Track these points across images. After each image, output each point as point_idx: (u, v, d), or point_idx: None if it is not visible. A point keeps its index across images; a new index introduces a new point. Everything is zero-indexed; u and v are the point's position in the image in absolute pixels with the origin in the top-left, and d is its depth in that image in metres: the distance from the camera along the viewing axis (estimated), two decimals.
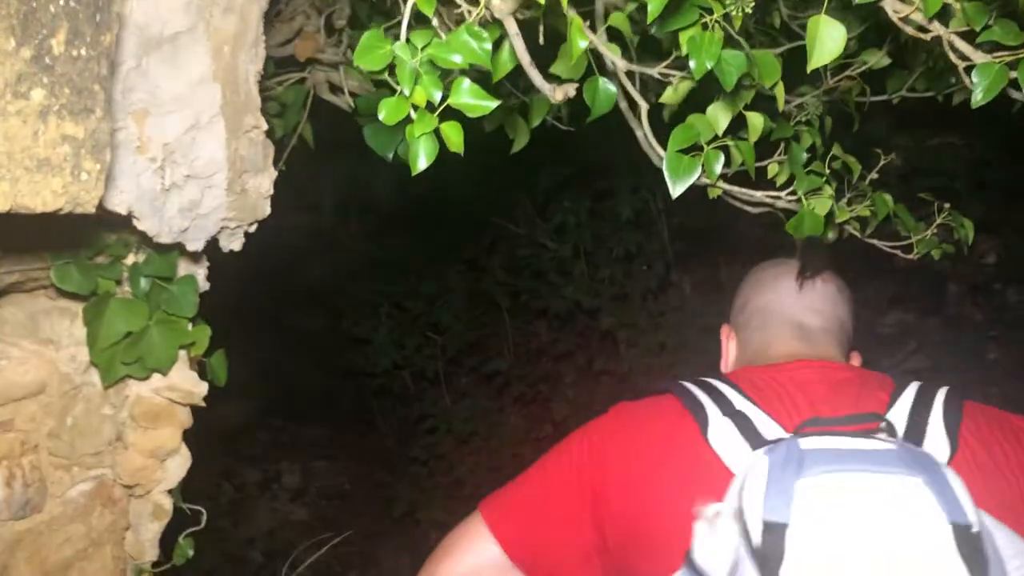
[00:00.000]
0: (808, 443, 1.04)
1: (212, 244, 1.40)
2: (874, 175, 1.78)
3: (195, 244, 1.31)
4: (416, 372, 5.12)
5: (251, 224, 1.41)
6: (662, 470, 1.21)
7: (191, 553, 1.59)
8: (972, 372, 4.29)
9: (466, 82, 0.93)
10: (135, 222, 1.20)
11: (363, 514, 5.22)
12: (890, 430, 1.11)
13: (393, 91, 1.27)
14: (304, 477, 5.81)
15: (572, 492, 1.26)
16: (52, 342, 1.36)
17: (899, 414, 1.19)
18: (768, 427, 1.18)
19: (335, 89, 1.88)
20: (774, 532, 0.98)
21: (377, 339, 4.93)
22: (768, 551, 0.97)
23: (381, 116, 0.93)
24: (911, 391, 1.22)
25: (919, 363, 4.72)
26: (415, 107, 0.94)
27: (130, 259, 1.38)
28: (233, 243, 1.41)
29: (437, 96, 0.94)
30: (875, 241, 1.72)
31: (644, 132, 1.41)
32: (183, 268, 1.43)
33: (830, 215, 1.50)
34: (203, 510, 1.59)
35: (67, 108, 0.90)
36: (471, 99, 0.93)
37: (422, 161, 0.94)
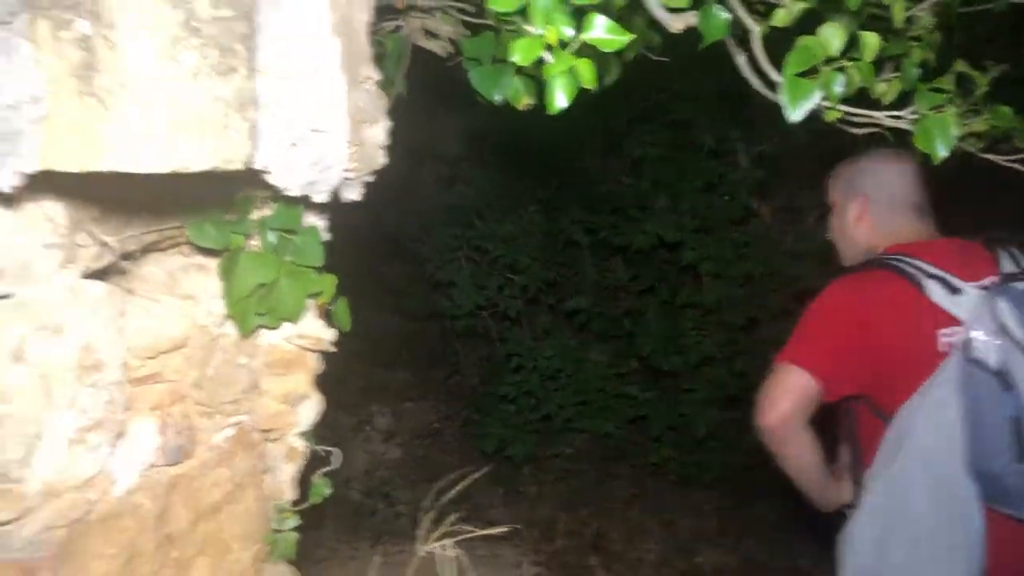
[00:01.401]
0: (1018, 286, 1.84)
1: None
2: (985, 88, 1.72)
3: (320, 196, 1.35)
4: (498, 313, 5.18)
5: (370, 174, 1.44)
6: (902, 311, 1.91)
7: (327, 491, 1.66)
8: None
9: (599, 17, 0.93)
10: (267, 177, 1.24)
11: (454, 452, 5.36)
12: None
13: (496, 31, 1.27)
14: (395, 419, 5.98)
15: (845, 324, 1.93)
16: (191, 297, 1.42)
17: (1011, 265, 1.95)
18: (957, 282, 1.91)
19: (429, 35, 1.89)
20: None
21: (460, 281, 4.98)
22: None
23: (515, 57, 0.94)
24: (1005, 252, 1.98)
25: None
26: (548, 46, 0.95)
27: (256, 214, 1.43)
28: (353, 193, 1.44)
29: (569, 33, 0.94)
30: (993, 156, 1.67)
31: (756, 56, 1.38)
32: (306, 220, 1.47)
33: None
34: (336, 450, 1.66)
35: (215, 69, 0.94)
36: (605, 34, 0.93)
37: (560, 99, 0.95)
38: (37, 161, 0.95)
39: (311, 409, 1.61)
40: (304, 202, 1.40)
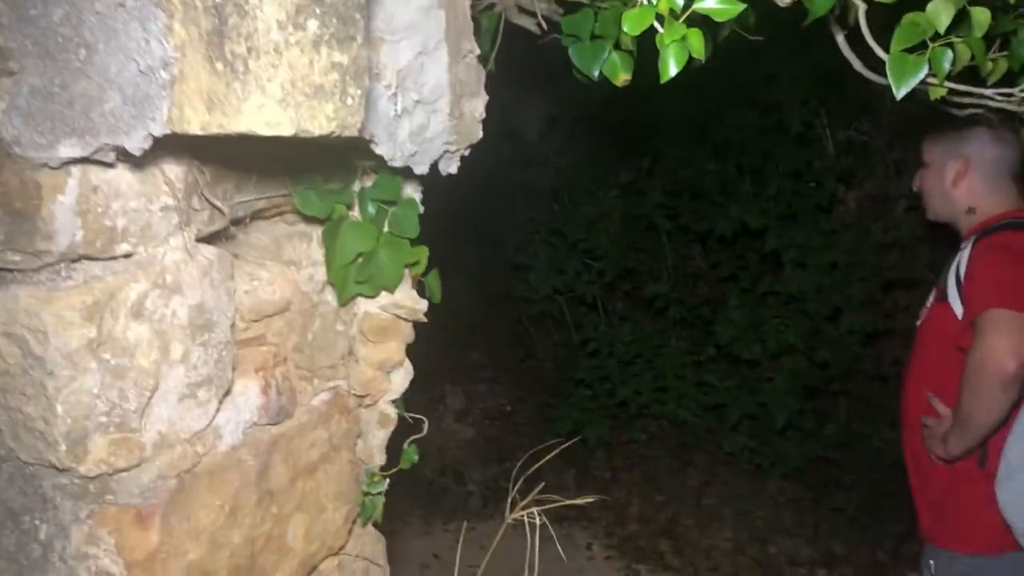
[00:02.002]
0: None
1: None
2: None
3: (421, 168, 1.38)
4: (574, 297, 5.18)
5: (467, 147, 1.47)
6: None
7: (416, 458, 1.71)
8: None
9: None
10: (373, 147, 1.28)
11: (526, 434, 5.40)
12: None
13: (593, 8, 1.28)
14: (467, 399, 6.05)
15: None
16: (293, 263, 1.47)
17: None
18: None
19: (523, 12, 1.90)
20: None
21: (537, 265, 5.00)
22: None
23: (625, 27, 0.95)
24: None
25: None
26: (659, 17, 0.95)
27: (357, 185, 1.47)
28: (451, 166, 1.47)
29: (680, 3, 0.95)
30: None
31: (862, 32, 1.36)
32: (404, 191, 1.51)
33: None
34: (424, 419, 1.70)
35: (335, 36, 0.97)
36: (717, 3, 0.94)
37: (672, 68, 0.96)
38: (165, 125, 1.00)
39: (403, 377, 1.65)
40: (403, 173, 1.43)
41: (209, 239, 1.34)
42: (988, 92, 1.43)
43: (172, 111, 0.99)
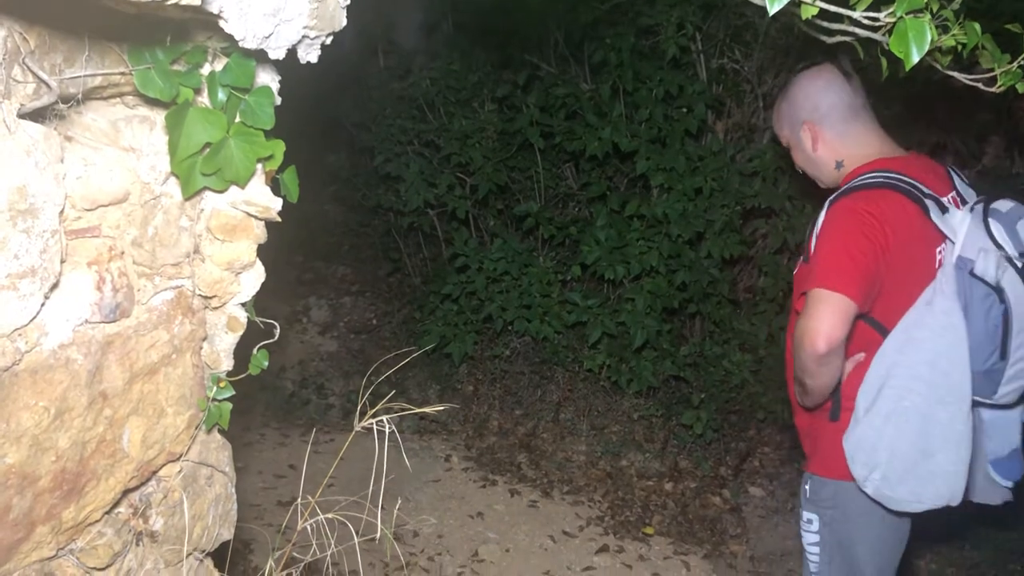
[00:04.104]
0: (998, 205, 2.07)
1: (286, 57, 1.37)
2: (956, 5, 1.71)
3: (277, 52, 1.29)
4: (445, 212, 5.11)
5: (328, 35, 1.38)
6: (913, 232, 2.07)
7: (266, 364, 1.64)
8: None
9: None
10: (222, 23, 1.17)
11: (392, 348, 5.36)
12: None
13: None
14: (332, 312, 5.95)
15: (871, 247, 2.02)
16: (134, 150, 1.35)
17: (960, 183, 2.26)
18: (944, 201, 2.12)
19: None
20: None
21: (409, 177, 4.88)
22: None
23: None
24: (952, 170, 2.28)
25: None
26: None
27: (207, 69, 1.36)
28: (310, 55, 1.38)
29: None
30: (955, 74, 1.67)
31: None
32: (259, 79, 1.41)
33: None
34: (276, 324, 1.64)
35: None
36: None
37: None
38: None
39: (254, 279, 1.57)
40: (258, 58, 1.33)
41: (35, 116, 1.21)
42: (857, 15, 1.44)
43: None
